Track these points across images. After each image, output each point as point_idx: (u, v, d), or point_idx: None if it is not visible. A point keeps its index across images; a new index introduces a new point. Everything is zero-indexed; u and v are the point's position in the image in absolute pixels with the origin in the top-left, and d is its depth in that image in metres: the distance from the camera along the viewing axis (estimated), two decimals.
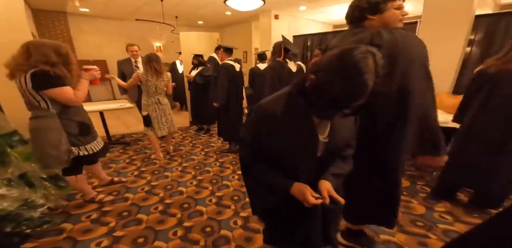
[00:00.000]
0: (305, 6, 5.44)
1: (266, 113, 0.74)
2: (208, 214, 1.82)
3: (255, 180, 0.89)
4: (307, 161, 0.78)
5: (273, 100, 0.76)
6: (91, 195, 1.90)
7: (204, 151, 3.10)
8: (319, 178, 0.78)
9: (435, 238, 1.53)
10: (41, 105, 1.46)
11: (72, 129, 1.58)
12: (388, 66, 0.86)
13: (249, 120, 0.83)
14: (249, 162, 0.85)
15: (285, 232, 0.91)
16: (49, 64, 1.42)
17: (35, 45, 1.42)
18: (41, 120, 1.48)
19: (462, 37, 2.95)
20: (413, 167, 2.57)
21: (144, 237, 1.57)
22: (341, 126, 0.78)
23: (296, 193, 0.76)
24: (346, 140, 0.82)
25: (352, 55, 0.56)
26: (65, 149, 1.53)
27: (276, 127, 0.73)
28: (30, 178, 1.52)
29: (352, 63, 0.56)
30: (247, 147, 0.83)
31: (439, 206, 1.87)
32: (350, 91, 0.58)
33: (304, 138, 0.74)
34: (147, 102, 2.59)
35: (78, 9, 5.64)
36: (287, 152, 0.77)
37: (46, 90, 1.42)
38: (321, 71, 0.62)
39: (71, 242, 1.52)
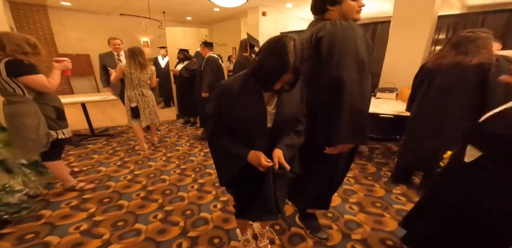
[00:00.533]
0: (291, 3, 5.52)
1: (225, 89, 0.87)
2: (189, 199, 1.87)
3: (220, 153, 1.00)
4: (260, 131, 0.89)
5: (231, 79, 0.91)
6: (71, 183, 1.92)
7: (190, 142, 3.14)
8: (272, 149, 0.89)
9: (389, 217, 1.67)
10: (16, 91, 1.53)
11: (50, 113, 1.66)
12: (326, 55, 0.96)
13: (212, 97, 0.93)
14: (213, 134, 0.94)
15: (246, 201, 1.01)
16: (24, 53, 1.51)
17: (8, 36, 1.50)
18: (17, 105, 1.54)
19: (425, 35, 3.18)
20: (380, 155, 2.74)
21: (124, 220, 1.61)
22: (286, 101, 0.90)
23: (252, 159, 0.88)
24: (293, 113, 0.93)
25: (280, 41, 0.76)
26: (44, 132, 1.60)
27: (232, 101, 0.86)
28: (8, 165, 1.52)
29: (279, 46, 0.76)
30: (211, 120, 0.93)
31: (397, 189, 2.03)
32: (278, 65, 0.76)
33: (255, 109, 0.86)
34: (131, 94, 2.60)
35: (59, 3, 5.49)
36: (242, 123, 0.88)
37: (21, 77, 1.50)
38: (261, 53, 0.81)
39: (49, 227, 1.54)
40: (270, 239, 1.44)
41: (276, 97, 0.90)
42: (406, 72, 3.08)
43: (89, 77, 6.45)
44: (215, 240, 1.44)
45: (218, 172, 1.06)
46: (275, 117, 0.89)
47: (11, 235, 1.45)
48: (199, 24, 8.11)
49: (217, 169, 1.07)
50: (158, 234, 1.49)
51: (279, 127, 0.91)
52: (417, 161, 1.79)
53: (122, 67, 2.48)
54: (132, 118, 2.68)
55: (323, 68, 0.98)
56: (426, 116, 1.71)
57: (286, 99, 0.90)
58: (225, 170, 1.02)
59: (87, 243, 1.41)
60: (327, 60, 0.95)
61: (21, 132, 1.55)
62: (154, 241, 1.43)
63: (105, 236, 1.46)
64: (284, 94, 0.90)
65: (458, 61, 1.51)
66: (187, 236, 1.48)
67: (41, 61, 1.62)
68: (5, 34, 1.51)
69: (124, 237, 1.46)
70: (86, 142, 3.06)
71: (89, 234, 1.48)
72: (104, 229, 1.52)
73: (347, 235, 1.49)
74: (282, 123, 0.91)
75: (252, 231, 1.47)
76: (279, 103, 0.89)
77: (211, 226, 1.57)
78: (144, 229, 1.53)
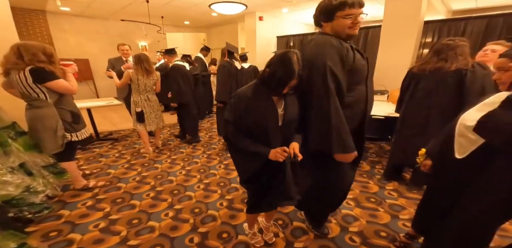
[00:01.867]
0: (287, 8, 5.69)
1: (241, 96, 1.07)
2: (196, 198, 2.01)
3: (241, 153, 1.17)
4: (273, 129, 1.08)
5: (245, 88, 1.10)
6: (83, 183, 2.06)
7: (192, 145, 3.27)
8: (284, 144, 1.09)
9: (382, 211, 1.83)
10: (39, 96, 1.70)
11: (66, 117, 1.83)
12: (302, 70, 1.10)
13: (230, 104, 1.12)
14: (233, 137, 1.12)
15: (263, 193, 1.20)
16: (39, 62, 1.66)
17: (25, 46, 1.64)
18: (40, 110, 1.72)
19: (413, 40, 3.39)
20: (374, 154, 2.92)
21: (138, 218, 1.74)
22: (291, 103, 1.12)
23: (272, 155, 1.06)
24: (297, 113, 1.13)
25: (285, 55, 1.00)
26: (61, 134, 1.78)
27: (248, 105, 1.05)
28: (29, 168, 1.63)
29: (286, 59, 0.99)
30: (231, 125, 1.10)
31: (389, 185, 2.20)
32: (286, 73, 0.99)
33: (268, 111, 1.06)
34: (137, 99, 2.72)
35: (58, 8, 5.56)
36: (258, 123, 1.07)
37: (46, 83, 1.67)
38: (271, 65, 1.03)
39: (71, 225, 1.66)
40: (275, 233, 1.58)
41: (283, 101, 1.11)
42: (396, 75, 3.26)
43: (88, 82, 6.50)
44: (224, 235, 1.58)
45: (239, 170, 1.23)
46: (284, 117, 1.09)
47: (36, 233, 1.57)
48: (196, 29, 8.24)
49: (238, 168, 1.24)
50: (171, 230, 1.62)
51: (287, 124, 1.11)
52: (406, 158, 1.95)
53: (129, 73, 2.60)
54: (138, 122, 2.80)
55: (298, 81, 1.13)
56: (412, 116, 1.88)
57: (290, 102, 1.11)
58: (246, 168, 1.19)
59: (107, 239, 1.53)
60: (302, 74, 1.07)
61: (41, 133, 1.72)
62: (167, 237, 1.56)
63: (122, 233, 1.59)
64: (288, 98, 1.11)
65: (439, 67, 1.69)
66: (197, 231, 1.61)
67: (57, 69, 1.77)
68: (22, 45, 1.64)
69: (140, 234, 1.58)
70: (92, 146, 3.16)
71: (108, 232, 1.60)
72: (121, 227, 1.64)
73: (345, 228, 1.64)
74: (289, 122, 1.11)
75: (257, 226, 1.61)
76: (286, 105, 1.10)
77: (219, 222, 1.70)
78: (157, 226, 1.66)
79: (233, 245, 1.49)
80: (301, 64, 0.99)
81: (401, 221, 1.69)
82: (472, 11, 5.51)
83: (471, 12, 4.81)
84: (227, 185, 2.21)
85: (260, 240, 1.50)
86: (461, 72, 1.61)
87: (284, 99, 1.11)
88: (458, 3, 5.26)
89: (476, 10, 5.55)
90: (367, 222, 1.69)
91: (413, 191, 2.07)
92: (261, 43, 6.10)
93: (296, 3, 5.13)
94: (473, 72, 1.58)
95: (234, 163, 1.25)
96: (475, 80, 1.58)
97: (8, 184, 1.42)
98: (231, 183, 2.24)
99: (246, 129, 1.09)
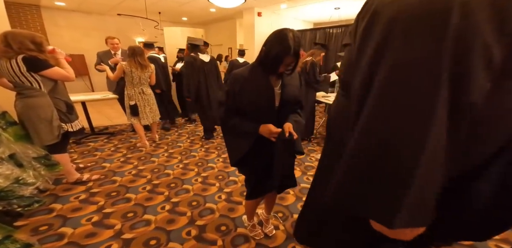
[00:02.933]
0: (285, 4, 5.63)
1: (237, 77, 1.04)
2: (194, 191, 1.95)
3: (231, 132, 1.13)
4: (269, 108, 1.04)
5: (242, 69, 1.07)
6: (76, 176, 1.99)
7: (190, 139, 3.21)
8: (280, 126, 1.04)
9: None
10: (33, 85, 1.63)
11: (61, 106, 1.77)
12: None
13: (226, 84, 1.09)
14: (225, 116, 1.08)
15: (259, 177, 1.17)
16: (28, 50, 1.59)
17: (12, 35, 1.57)
18: (33, 99, 1.64)
19: None
20: None
21: (133, 212, 1.67)
22: (288, 83, 1.07)
23: (263, 130, 1.03)
24: (295, 94, 1.10)
25: (281, 32, 0.95)
26: (57, 124, 1.71)
27: (244, 85, 1.02)
28: (19, 159, 1.56)
29: (281, 36, 0.94)
30: (223, 106, 1.09)
31: None
32: (282, 49, 0.94)
33: (264, 88, 1.02)
34: (132, 92, 2.65)
35: (53, 3, 5.45)
36: (254, 103, 1.02)
37: (42, 71, 1.61)
38: (267, 43, 0.98)
39: (62, 219, 1.59)
40: (275, 225, 1.53)
41: (280, 80, 1.07)
42: None
43: (84, 78, 6.40)
44: (222, 228, 1.52)
45: (230, 151, 1.17)
46: (281, 96, 1.05)
47: (25, 227, 1.50)
48: (194, 25, 8.16)
49: (229, 149, 1.18)
50: (167, 223, 1.56)
51: (284, 105, 1.07)
52: None
53: (123, 66, 2.52)
54: (132, 116, 2.73)
55: None
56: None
57: (288, 82, 1.08)
58: (236, 148, 1.14)
59: (100, 233, 1.47)
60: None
61: (36, 124, 1.64)
62: (164, 230, 1.50)
63: (116, 226, 1.53)
64: (285, 78, 1.07)
65: None
66: (195, 224, 1.55)
67: (47, 57, 1.70)
68: (9, 33, 1.57)
69: (135, 227, 1.52)
70: (87, 140, 3.08)
71: (101, 225, 1.54)
72: (115, 220, 1.58)
73: None
74: (287, 102, 1.07)
75: (257, 218, 1.56)
76: (283, 84, 1.06)
77: (217, 215, 1.65)
78: (153, 220, 1.60)
79: (232, 237, 1.44)
80: (297, 41, 0.95)
81: None
82: None
83: None
84: (225, 178, 2.16)
85: (259, 232, 1.45)
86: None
87: (281, 79, 1.07)
88: None
89: None
90: None
91: None
92: (259, 39, 6.04)
93: None
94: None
95: (226, 144, 1.20)
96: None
97: None
98: (230, 176, 2.18)
99: (242, 110, 1.05)
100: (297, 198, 1.83)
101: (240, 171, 1.29)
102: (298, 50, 0.96)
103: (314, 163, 2.45)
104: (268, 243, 1.40)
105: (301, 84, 1.14)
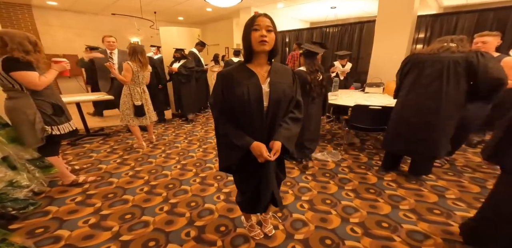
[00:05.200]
0: (282, 4, 5.64)
1: (224, 74, 1.00)
2: (192, 192, 1.94)
3: (223, 139, 1.09)
4: (257, 108, 0.97)
5: (230, 67, 1.03)
6: (71, 178, 1.96)
7: (188, 139, 3.19)
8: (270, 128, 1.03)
9: (382, 201, 1.80)
10: (15, 86, 1.60)
11: (46, 109, 1.73)
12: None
13: (214, 85, 1.06)
14: (218, 121, 1.05)
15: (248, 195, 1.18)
16: (25, 52, 1.57)
17: (10, 35, 1.54)
18: (16, 100, 1.62)
19: (406, 34, 3.41)
20: (371, 146, 2.93)
21: (131, 213, 1.66)
22: (277, 81, 1.00)
23: (254, 148, 0.99)
24: (285, 93, 1.01)
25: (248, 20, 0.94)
26: (40, 127, 1.67)
27: (231, 83, 0.98)
28: (12, 161, 1.53)
29: (248, 20, 0.94)
30: (214, 109, 1.05)
31: (388, 176, 2.18)
32: (249, 26, 0.93)
33: (252, 87, 0.97)
34: (134, 92, 2.60)
35: (45, 2, 5.36)
36: (242, 102, 0.96)
37: (12, 72, 1.55)
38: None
39: (58, 222, 1.56)
40: (274, 225, 1.53)
41: (269, 78, 1.00)
42: (390, 68, 3.27)
43: (78, 78, 6.32)
44: (222, 228, 1.52)
45: (219, 156, 1.15)
46: (270, 95, 0.98)
47: (21, 230, 1.47)
48: (190, 24, 8.11)
49: (219, 154, 1.15)
50: (166, 225, 1.55)
51: (274, 105, 0.99)
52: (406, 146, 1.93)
53: (130, 65, 2.47)
54: (136, 117, 2.68)
55: None
56: (417, 103, 1.81)
57: (277, 80, 1.00)
58: (226, 156, 1.11)
59: (97, 235, 1.45)
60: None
61: (19, 126, 1.62)
62: (162, 231, 1.49)
63: (114, 228, 1.51)
64: (274, 75, 1.01)
65: (446, 48, 1.69)
66: (194, 225, 1.54)
67: (41, 58, 1.68)
68: (6, 33, 1.54)
69: (133, 229, 1.50)
70: (82, 141, 3.04)
71: (99, 227, 1.52)
72: (113, 222, 1.56)
73: (345, 219, 1.60)
74: (276, 101, 0.99)
75: (256, 218, 1.56)
76: (271, 82, 0.99)
77: (216, 216, 1.64)
78: (151, 221, 1.58)
79: (231, 238, 1.43)
80: (263, 14, 0.94)
81: (402, 211, 1.66)
82: (462, 7, 5.58)
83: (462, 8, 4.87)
84: (224, 178, 2.15)
85: (259, 232, 1.45)
86: (469, 57, 1.57)
87: (269, 77, 1.00)
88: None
89: (467, 6, 5.63)
90: (367, 213, 1.66)
91: (411, 182, 2.05)
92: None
93: None
94: (483, 56, 1.55)
95: (217, 147, 1.16)
96: (488, 63, 1.53)
97: None
98: (228, 176, 2.18)
99: (230, 108, 1.01)
100: (296, 198, 1.83)
101: (234, 178, 1.28)
102: (268, 20, 0.92)
103: (313, 163, 2.45)
104: (267, 243, 1.40)
105: (295, 81, 1.08)
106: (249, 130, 1.01)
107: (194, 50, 4.33)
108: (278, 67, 1.05)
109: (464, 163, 2.42)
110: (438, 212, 1.65)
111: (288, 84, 1.03)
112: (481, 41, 2.05)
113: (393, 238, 1.42)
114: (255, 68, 1.00)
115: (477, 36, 2.10)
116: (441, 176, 2.16)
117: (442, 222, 1.55)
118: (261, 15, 0.92)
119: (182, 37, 4.27)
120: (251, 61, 1.01)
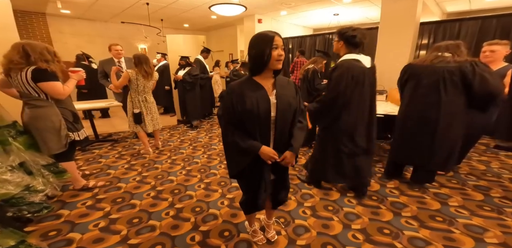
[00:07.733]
0: (285, 11, 5.76)
1: (233, 88, 1.07)
2: (197, 197, 1.99)
3: (232, 147, 1.15)
4: (265, 118, 1.06)
5: (238, 81, 1.10)
6: (82, 183, 2.04)
7: (192, 145, 3.26)
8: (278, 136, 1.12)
9: (384, 208, 1.82)
10: (40, 96, 1.69)
11: (68, 116, 1.84)
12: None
13: (223, 98, 1.13)
14: (226, 130, 1.12)
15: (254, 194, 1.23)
16: (45, 61, 1.66)
17: (31, 46, 1.63)
18: (42, 109, 1.71)
19: (409, 41, 3.44)
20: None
21: (138, 218, 1.72)
22: (283, 93, 1.09)
23: (263, 152, 1.07)
24: (291, 104, 1.10)
25: (257, 34, 1.02)
26: (65, 133, 1.78)
27: (241, 96, 1.04)
28: (29, 167, 1.62)
29: (259, 36, 1.01)
30: (223, 119, 1.13)
31: (390, 183, 2.20)
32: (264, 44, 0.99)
33: (260, 99, 1.05)
34: (134, 100, 2.71)
35: (59, 11, 5.60)
36: (251, 113, 1.04)
37: (40, 82, 1.64)
38: (249, 49, 1.04)
39: (70, 225, 1.64)
40: (277, 231, 1.57)
41: (275, 90, 1.09)
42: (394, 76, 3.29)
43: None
44: (225, 233, 1.56)
45: (229, 164, 1.21)
46: (277, 106, 1.06)
47: (35, 233, 1.54)
48: (195, 31, 8.31)
49: (228, 162, 1.22)
50: (172, 229, 1.60)
51: (281, 116, 1.08)
52: (410, 156, 1.96)
53: (128, 73, 2.58)
54: (135, 124, 2.78)
55: None
56: (417, 114, 1.85)
57: (282, 92, 1.09)
58: (235, 162, 1.17)
59: (107, 239, 1.51)
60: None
61: (44, 133, 1.70)
62: (168, 236, 1.54)
63: (123, 232, 1.57)
64: (279, 88, 1.09)
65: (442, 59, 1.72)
66: (198, 230, 1.59)
67: (60, 67, 1.77)
68: (28, 44, 1.64)
69: (140, 233, 1.56)
70: (91, 147, 3.14)
71: (108, 231, 1.58)
72: (121, 226, 1.63)
73: (347, 225, 1.63)
74: (283, 112, 1.08)
75: (259, 224, 1.60)
76: (278, 94, 1.07)
77: (220, 221, 1.69)
78: (158, 225, 1.64)
79: (235, 243, 1.48)
80: (277, 33, 0.99)
81: (404, 218, 1.68)
82: (466, 13, 5.60)
83: (465, 15, 4.89)
84: (228, 184, 2.20)
85: (262, 237, 1.49)
86: (463, 67, 1.60)
87: (275, 89, 1.09)
88: (452, 6, 5.35)
89: (470, 12, 5.65)
90: (369, 219, 1.68)
91: (414, 189, 2.07)
92: None
93: (294, 5, 5.20)
94: (478, 66, 1.58)
95: (226, 156, 1.22)
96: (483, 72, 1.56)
97: (8, 183, 1.40)
98: (232, 182, 2.23)
99: (239, 119, 1.07)
100: (298, 204, 1.87)
101: (239, 183, 1.33)
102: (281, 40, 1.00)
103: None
104: None
105: (298, 92, 1.16)
106: (256, 139, 1.09)
107: (200, 58, 4.44)
108: (282, 80, 1.13)
109: (469, 171, 2.41)
110: (440, 219, 1.67)
111: (292, 96, 1.12)
112: (489, 50, 2.02)
113: (394, 244, 1.44)
114: (262, 81, 1.08)
115: (486, 44, 2.07)
116: (444, 183, 2.16)
117: (444, 229, 1.57)
118: (277, 35, 1.00)
119: (188, 44, 4.39)
120: (258, 75, 1.08)
